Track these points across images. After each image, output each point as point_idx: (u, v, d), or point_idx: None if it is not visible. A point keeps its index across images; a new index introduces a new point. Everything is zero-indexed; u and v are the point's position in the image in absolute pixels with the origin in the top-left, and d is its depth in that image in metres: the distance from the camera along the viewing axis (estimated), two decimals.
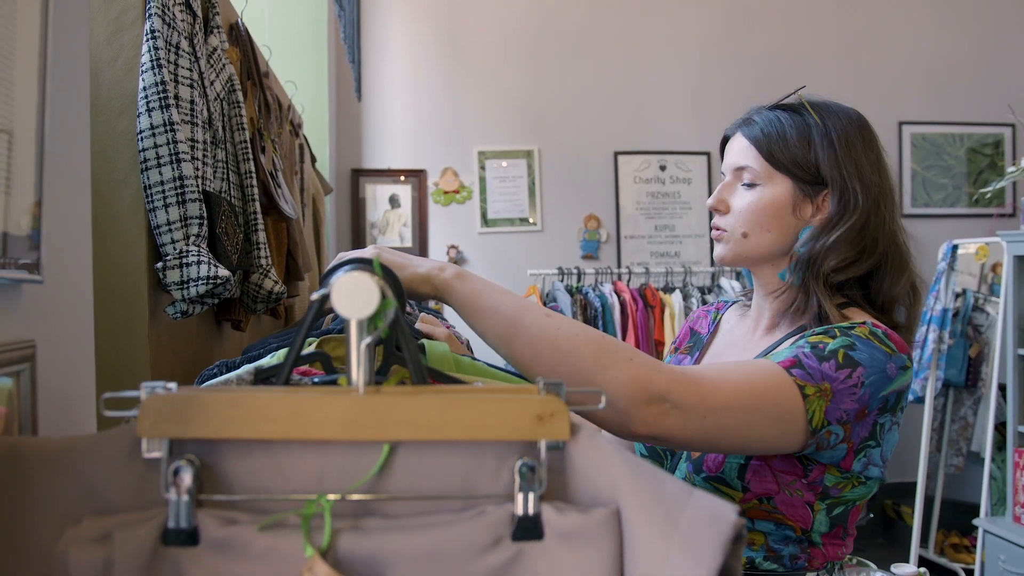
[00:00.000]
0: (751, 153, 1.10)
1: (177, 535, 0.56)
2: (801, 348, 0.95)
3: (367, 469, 0.58)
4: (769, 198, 1.08)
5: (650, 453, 1.17)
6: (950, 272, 3.59)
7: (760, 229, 1.09)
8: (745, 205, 1.10)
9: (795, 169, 1.07)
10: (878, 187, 1.08)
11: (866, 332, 0.97)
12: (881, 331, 0.99)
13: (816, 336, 0.97)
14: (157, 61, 1.26)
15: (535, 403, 0.58)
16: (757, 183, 1.09)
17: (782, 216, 1.08)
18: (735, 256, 1.12)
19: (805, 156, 1.07)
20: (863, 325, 0.99)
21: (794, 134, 1.08)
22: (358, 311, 0.55)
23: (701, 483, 1.05)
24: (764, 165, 1.09)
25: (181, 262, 1.26)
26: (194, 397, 0.57)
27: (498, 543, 0.57)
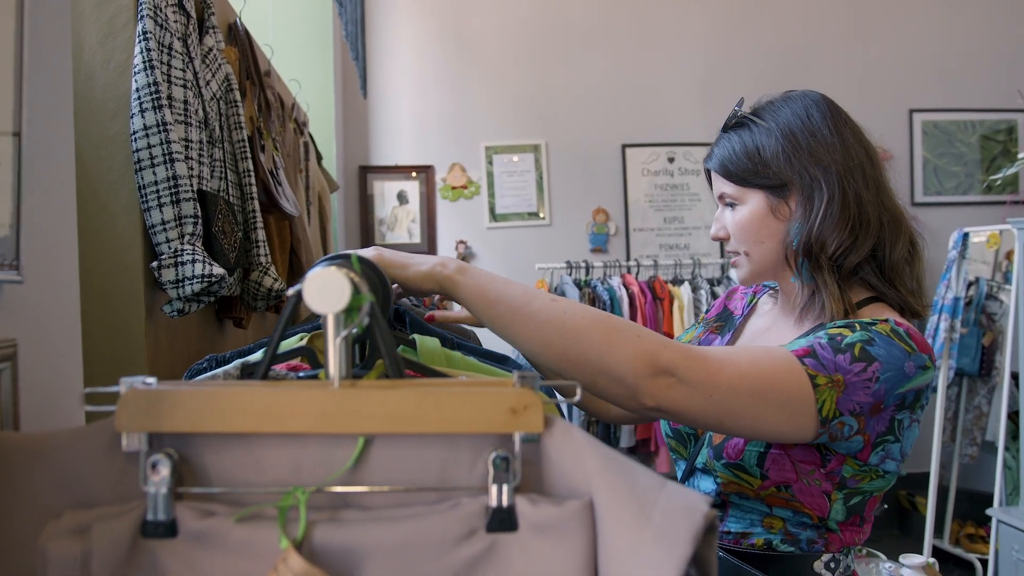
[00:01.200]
0: (720, 180, 1.14)
1: (156, 527, 0.56)
2: (818, 339, 0.96)
3: (343, 462, 0.58)
4: (747, 212, 1.11)
5: (674, 434, 1.20)
6: (961, 260, 3.56)
7: (754, 243, 1.12)
8: (733, 225, 1.13)
9: (754, 179, 1.10)
10: (841, 164, 1.07)
11: (887, 329, 0.98)
12: (903, 329, 0.99)
13: (836, 328, 0.98)
14: (149, 62, 1.27)
15: (509, 396, 0.58)
16: (736, 203, 1.13)
17: (766, 224, 1.10)
18: (752, 275, 1.15)
19: (756, 165, 1.10)
20: (885, 322, 0.99)
21: (740, 149, 1.11)
22: (330, 306, 0.56)
23: (721, 469, 1.06)
24: (732, 186, 1.12)
25: (176, 261, 1.27)
26: (172, 392, 0.57)
27: (472, 534, 0.57)
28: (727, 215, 1.15)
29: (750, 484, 1.04)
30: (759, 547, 1.07)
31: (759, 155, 1.09)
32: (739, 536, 1.08)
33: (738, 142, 1.12)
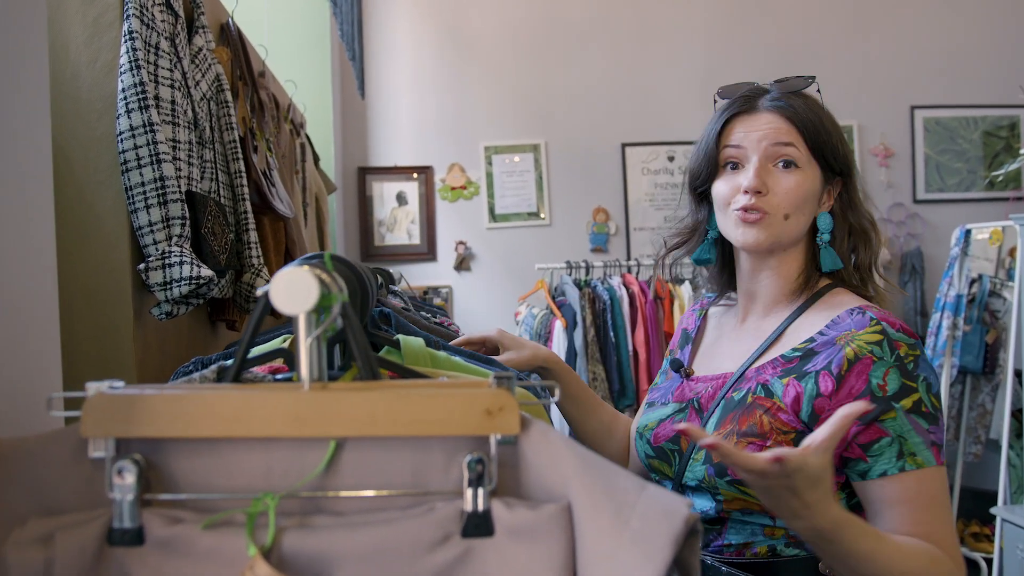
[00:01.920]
0: (794, 133, 1.09)
1: (122, 535, 0.55)
2: (920, 427, 0.96)
3: (314, 466, 0.57)
4: (809, 183, 1.09)
5: (656, 453, 1.17)
6: (963, 257, 3.53)
7: (799, 213, 1.09)
8: (791, 187, 1.08)
9: (830, 159, 1.10)
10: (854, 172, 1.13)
11: (906, 350, 0.99)
12: (898, 329, 1.00)
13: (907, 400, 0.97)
14: (136, 62, 1.26)
15: (484, 397, 0.57)
16: (799, 165, 1.08)
17: (812, 202, 1.11)
18: (775, 239, 1.09)
19: (836, 147, 1.10)
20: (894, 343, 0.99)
21: (828, 124, 1.10)
22: (297, 306, 0.54)
23: (725, 486, 1.04)
24: (805, 147, 1.09)
25: (164, 263, 1.26)
26: (138, 396, 0.56)
27: (447, 540, 0.56)
28: (775, 172, 1.08)
29: (756, 499, 0.99)
30: (763, 555, 1.05)
31: (834, 136, 1.10)
32: (741, 547, 1.06)
33: (821, 111, 1.11)
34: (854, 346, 0.99)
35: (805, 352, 1.04)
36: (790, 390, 1.01)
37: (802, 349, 1.04)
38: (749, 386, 1.07)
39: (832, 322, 1.04)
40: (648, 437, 1.18)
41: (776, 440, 1.01)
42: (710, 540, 1.08)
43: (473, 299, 4.29)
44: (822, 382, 0.99)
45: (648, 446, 1.18)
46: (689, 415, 1.15)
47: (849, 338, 1.00)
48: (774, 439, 1.01)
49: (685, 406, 1.16)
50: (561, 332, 3.57)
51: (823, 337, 1.03)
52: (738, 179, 1.10)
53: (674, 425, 0.86)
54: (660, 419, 1.18)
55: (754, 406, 1.04)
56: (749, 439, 1.02)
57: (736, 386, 1.09)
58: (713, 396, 1.12)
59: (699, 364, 1.23)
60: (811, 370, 1.01)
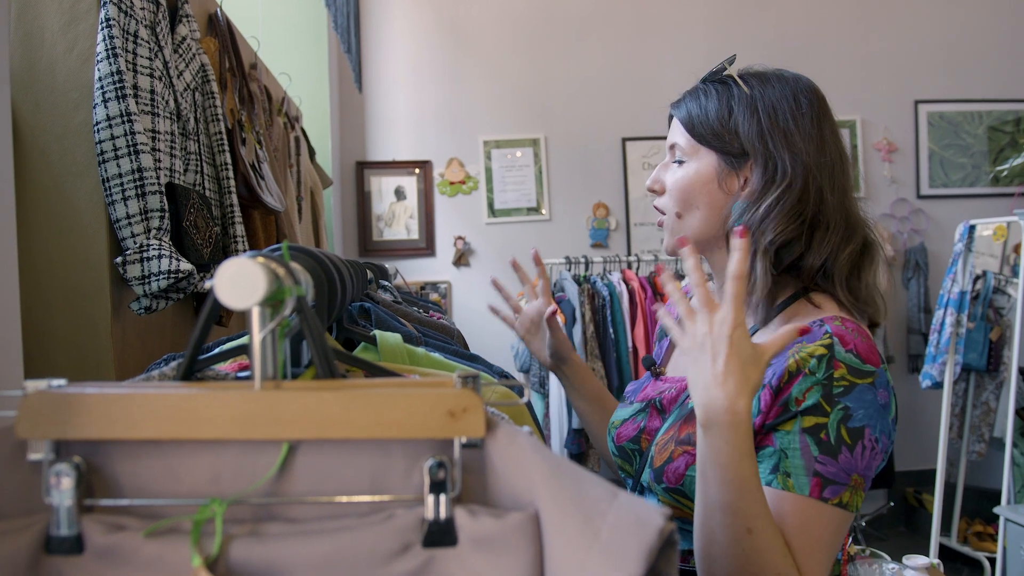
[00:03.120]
0: (678, 129, 1.08)
1: (60, 543, 0.52)
2: (808, 451, 0.89)
3: (265, 470, 0.53)
4: (694, 172, 1.05)
5: (619, 452, 1.14)
6: (967, 253, 3.48)
7: (690, 207, 1.05)
8: (674, 182, 1.06)
9: (715, 141, 1.04)
10: (813, 157, 1.00)
11: (843, 372, 0.91)
12: (850, 349, 0.92)
13: (810, 419, 0.90)
14: (112, 50, 1.22)
15: (447, 398, 0.53)
16: (685, 159, 1.06)
17: (709, 191, 1.04)
18: (674, 245, 1.07)
19: (724, 127, 1.03)
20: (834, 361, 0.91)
21: (715, 105, 1.04)
22: (243, 300, 0.51)
23: (661, 492, 1.00)
24: (689, 140, 1.06)
25: (142, 256, 1.22)
26: (77, 395, 0.53)
27: (407, 550, 0.52)
28: (671, 169, 1.08)
29: (690, 510, 0.96)
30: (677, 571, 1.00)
31: (729, 117, 1.03)
32: (686, 554, 1.00)
33: (713, 97, 1.05)
34: (797, 358, 0.92)
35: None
36: None
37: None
38: None
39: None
40: (613, 435, 1.16)
41: None
42: None
43: (472, 295, 4.25)
44: (762, 398, 0.92)
45: (613, 443, 1.16)
46: (650, 415, 1.11)
47: (798, 349, 0.93)
48: None
49: (646, 406, 1.13)
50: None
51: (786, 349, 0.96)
52: None
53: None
54: (623, 418, 1.15)
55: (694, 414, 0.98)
56: (684, 447, 0.97)
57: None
58: (675, 399, 1.08)
59: (674, 362, 1.19)
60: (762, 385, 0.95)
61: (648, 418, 1.11)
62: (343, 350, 0.75)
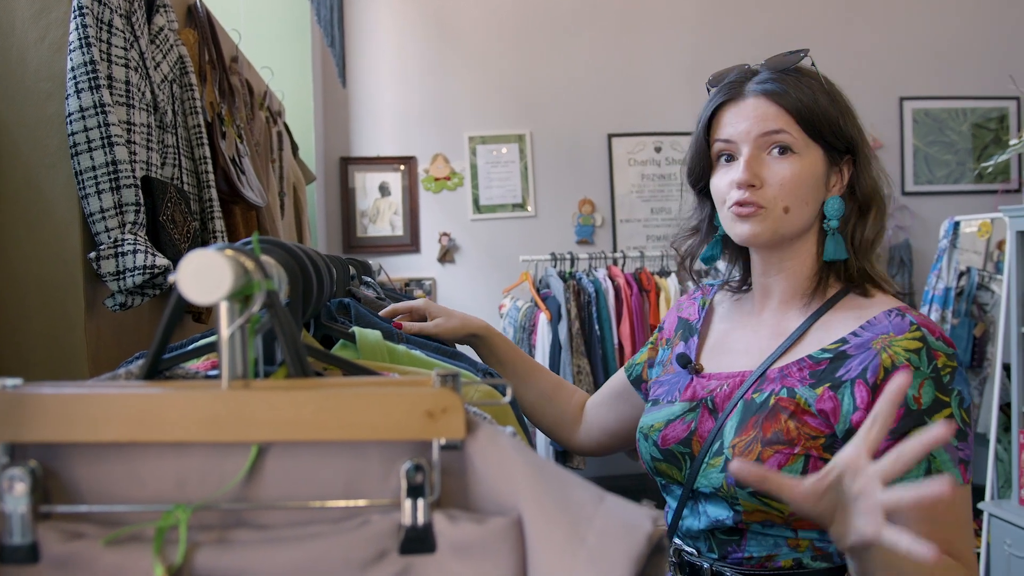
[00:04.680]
0: (784, 118, 1.00)
1: (13, 552, 0.49)
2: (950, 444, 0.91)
3: (233, 474, 0.51)
4: (809, 169, 1.00)
5: (664, 456, 1.09)
6: (952, 250, 3.49)
7: (801, 203, 1.01)
8: (787, 177, 0.99)
9: (828, 136, 1.01)
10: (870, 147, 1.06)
11: (944, 360, 0.93)
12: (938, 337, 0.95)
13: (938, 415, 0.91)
14: (86, 39, 1.19)
15: (425, 398, 0.51)
16: (794, 151, 1.00)
17: (817, 188, 1.02)
18: (773, 235, 1.02)
19: (838, 124, 1.01)
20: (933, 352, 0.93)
21: (825, 100, 1.01)
22: (207, 294, 0.48)
23: (746, 497, 0.97)
24: (799, 131, 1.00)
25: (116, 251, 1.19)
26: (32, 395, 0.50)
27: (383, 557, 0.50)
28: (769, 162, 1.00)
29: (780, 512, 0.95)
30: (787, 567, 0.98)
31: (835, 111, 1.01)
32: (763, 560, 0.99)
33: (816, 88, 1.01)
34: (891, 352, 0.93)
35: (836, 354, 0.97)
36: (826, 402, 0.95)
37: (832, 351, 0.97)
38: (772, 388, 0.99)
39: (868, 323, 0.97)
40: (655, 439, 1.09)
41: (804, 447, 0.94)
42: (729, 552, 1.01)
43: (457, 291, 4.23)
44: (858, 393, 0.93)
45: (655, 448, 1.09)
46: (701, 415, 1.06)
47: (886, 343, 0.94)
48: (802, 445, 0.94)
49: (696, 405, 1.08)
50: (545, 325, 3.51)
51: (857, 339, 0.97)
52: (732, 173, 1.03)
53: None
54: (668, 419, 1.09)
55: (778, 410, 0.97)
56: (776, 447, 0.95)
57: (757, 387, 1.01)
58: (729, 395, 1.04)
59: (708, 359, 1.14)
60: (846, 378, 0.94)
61: (699, 418, 1.06)
62: (319, 347, 0.73)
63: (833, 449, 0.93)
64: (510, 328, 3.69)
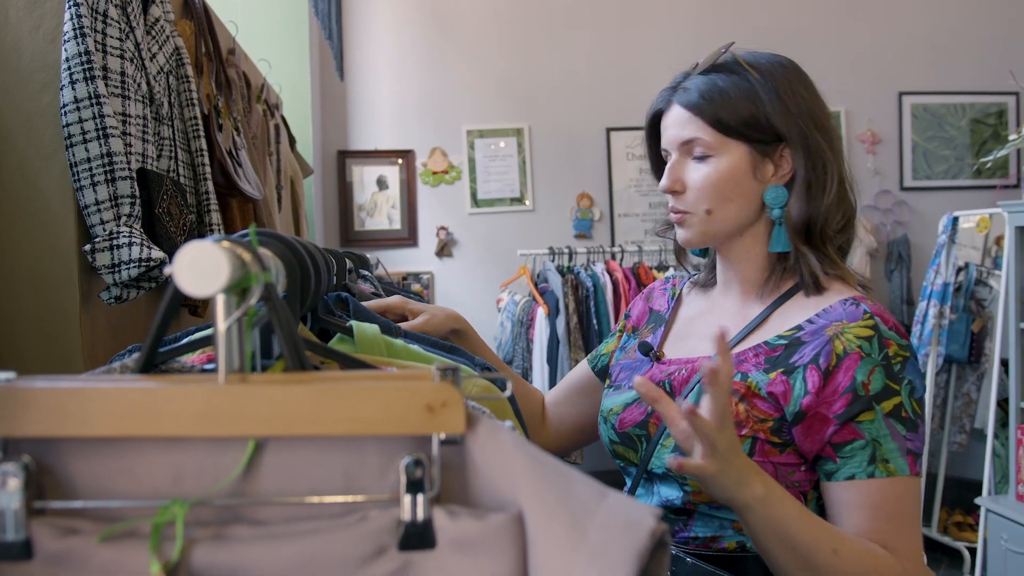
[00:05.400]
0: (696, 124, 1.01)
1: (6, 548, 0.48)
2: (897, 433, 0.92)
3: (230, 469, 0.50)
4: (727, 168, 1.01)
5: (621, 439, 1.11)
6: (951, 245, 3.49)
7: (723, 202, 1.02)
8: (703, 180, 1.01)
9: (748, 131, 1.00)
10: (835, 132, 1.03)
11: (896, 350, 0.94)
12: (891, 327, 0.95)
13: (887, 403, 0.92)
14: (80, 30, 1.18)
15: (425, 391, 0.50)
16: (710, 154, 1.01)
17: (743, 182, 1.01)
18: (703, 236, 1.05)
19: (755, 115, 1.00)
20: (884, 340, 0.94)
21: (738, 93, 1.00)
22: (203, 286, 0.47)
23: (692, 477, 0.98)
24: (713, 133, 1.00)
25: (111, 244, 1.18)
26: (25, 389, 0.49)
27: (382, 553, 0.49)
28: (690, 167, 1.03)
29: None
30: (731, 549, 0.99)
31: (755, 104, 0.99)
32: (708, 540, 1.00)
33: (730, 85, 1.00)
34: (843, 339, 0.94)
35: (791, 341, 0.98)
36: (777, 385, 0.95)
37: (788, 337, 0.98)
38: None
39: (824, 311, 0.98)
40: (613, 422, 1.11)
41: (752, 429, 0.95)
42: (676, 531, 1.03)
43: (455, 285, 4.22)
44: (809, 378, 0.93)
45: (613, 431, 1.11)
46: None
47: (839, 330, 0.95)
48: (750, 427, 0.96)
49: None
50: (543, 319, 3.51)
51: (811, 326, 0.97)
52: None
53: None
54: (626, 403, 1.11)
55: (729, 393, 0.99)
56: None
57: None
58: (687, 379, 1.05)
59: (671, 346, 1.16)
60: (799, 363, 0.95)
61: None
62: (317, 341, 0.72)
63: (781, 433, 0.95)
64: (508, 322, 3.68)
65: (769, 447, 0.95)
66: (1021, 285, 2.90)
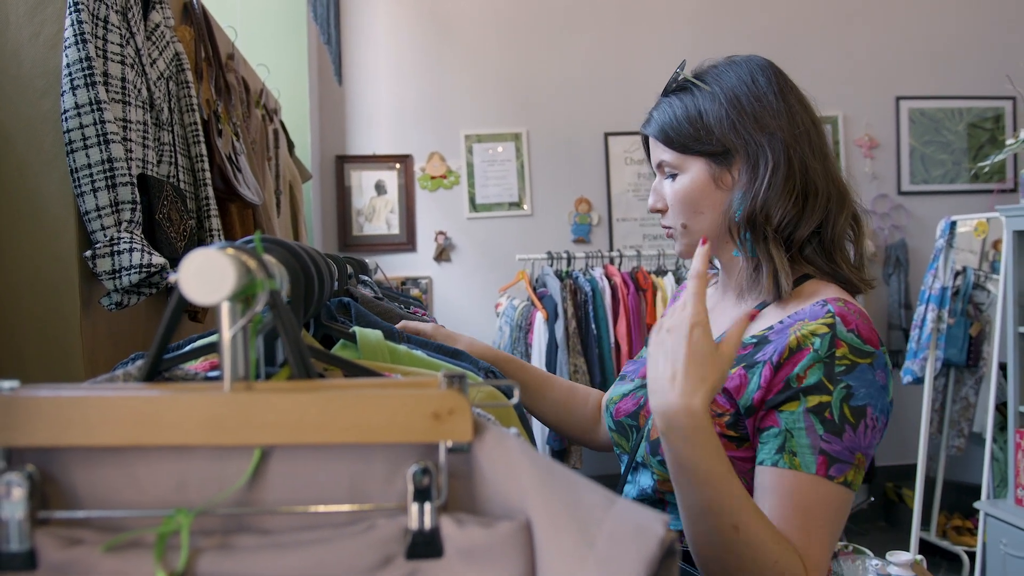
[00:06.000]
0: (659, 147, 1.10)
1: (11, 559, 0.47)
2: (813, 430, 0.91)
3: (235, 478, 0.50)
4: (688, 182, 1.07)
5: (617, 427, 1.15)
6: (948, 249, 3.49)
7: (694, 214, 1.08)
8: (673, 196, 1.09)
9: (697, 147, 1.06)
10: (786, 130, 1.03)
11: (845, 352, 0.93)
12: (851, 329, 0.94)
13: (813, 398, 0.92)
14: (81, 36, 1.17)
15: (431, 399, 0.50)
16: (676, 172, 1.08)
17: (708, 194, 1.06)
18: (688, 248, 1.11)
19: (698, 131, 1.05)
20: (836, 340, 0.93)
21: (683, 113, 1.07)
22: (209, 294, 0.47)
23: (657, 466, 1.02)
24: (672, 154, 1.08)
25: (112, 250, 1.18)
26: (28, 398, 0.48)
27: (389, 562, 0.49)
28: (666, 185, 1.10)
29: None
30: None
31: (701, 120, 1.05)
32: (678, 534, 1.00)
33: (680, 107, 1.07)
34: (799, 335, 0.95)
35: (760, 340, 1.00)
36: (733, 380, 0.98)
37: (759, 336, 1.01)
38: None
39: (796, 312, 1.00)
40: (612, 410, 1.17)
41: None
42: None
43: (453, 290, 4.21)
44: (764, 373, 0.95)
45: (611, 419, 1.17)
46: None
47: (799, 327, 0.96)
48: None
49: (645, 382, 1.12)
50: (542, 324, 3.51)
51: (780, 325, 0.99)
52: None
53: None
54: (623, 394, 1.17)
55: None
56: None
57: None
58: None
59: None
60: (760, 360, 0.97)
61: (647, 395, 1.10)
62: (321, 348, 0.72)
63: (737, 427, 0.97)
64: (506, 327, 3.68)
65: (726, 441, 0.97)
66: (1019, 289, 2.90)
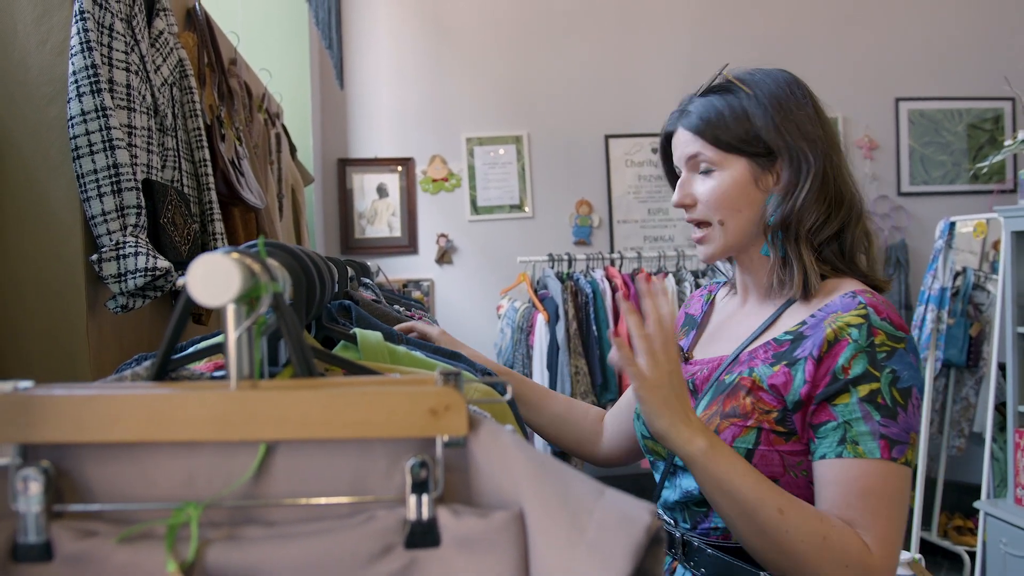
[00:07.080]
0: (699, 143, 1.10)
1: (28, 550, 0.50)
2: (870, 417, 0.95)
3: (242, 472, 0.52)
4: (730, 179, 1.08)
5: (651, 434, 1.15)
6: (948, 250, 3.51)
7: (733, 212, 1.09)
8: (709, 192, 1.09)
9: (744, 146, 1.07)
10: (823, 140, 1.08)
11: (883, 339, 0.97)
12: (884, 318, 0.98)
13: (864, 387, 0.96)
14: (87, 43, 1.20)
15: (428, 396, 0.52)
16: (713, 168, 1.09)
17: (747, 193, 1.08)
18: (723, 248, 1.11)
19: (747, 131, 1.07)
20: (873, 329, 0.97)
21: (730, 113, 1.08)
22: (217, 297, 0.49)
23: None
24: (714, 150, 1.08)
25: (118, 254, 1.20)
26: (44, 397, 0.51)
27: (389, 551, 0.51)
28: (697, 181, 1.11)
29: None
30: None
31: (749, 121, 1.07)
32: (727, 532, 1.04)
33: (724, 105, 1.08)
34: (835, 327, 0.98)
35: (796, 336, 1.03)
36: (779, 377, 1.00)
37: (793, 332, 1.03)
38: (740, 369, 1.06)
39: (825, 306, 1.03)
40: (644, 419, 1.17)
41: (757, 420, 1.01)
42: (698, 522, 1.08)
43: (455, 292, 4.24)
44: (807, 368, 0.98)
45: (644, 427, 1.18)
46: None
47: (834, 320, 0.99)
48: (755, 418, 1.01)
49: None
50: (543, 326, 3.53)
51: (813, 320, 1.02)
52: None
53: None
54: None
55: (738, 388, 1.04)
56: (731, 419, 1.02)
57: (729, 368, 1.09)
58: (708, 378, 1.12)
59: (700, 348, 1.23)
60: (800, 356, 1.00)
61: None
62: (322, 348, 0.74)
63: (785, 422, 0.99)
64: (508, 329, 3.70)
65: (775, 436, 1.00)
66: (1018, 289, 2.92)
